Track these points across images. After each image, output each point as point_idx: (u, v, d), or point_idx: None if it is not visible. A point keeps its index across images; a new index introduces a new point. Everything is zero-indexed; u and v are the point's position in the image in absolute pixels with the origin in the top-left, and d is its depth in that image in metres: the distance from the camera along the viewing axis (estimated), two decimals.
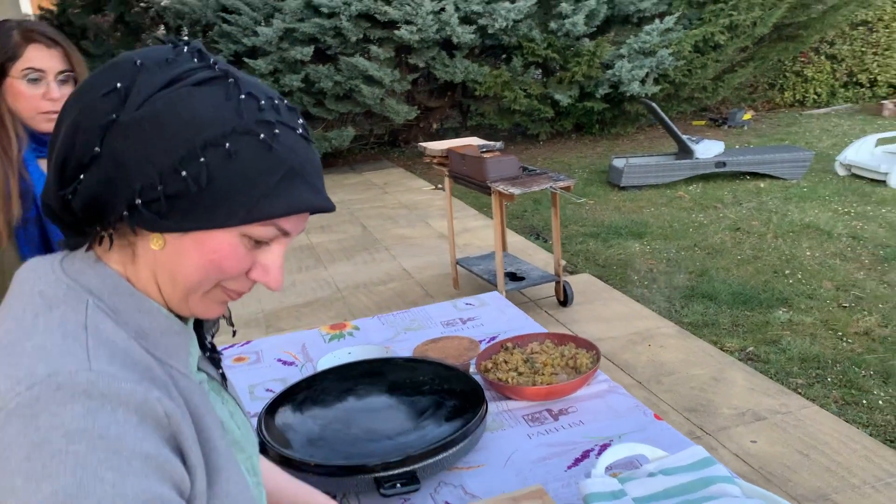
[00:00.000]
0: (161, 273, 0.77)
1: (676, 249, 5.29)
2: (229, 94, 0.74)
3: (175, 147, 0.71)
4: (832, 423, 2.95)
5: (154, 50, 0.77)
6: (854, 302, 4.19)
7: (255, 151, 0.73)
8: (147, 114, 0.71)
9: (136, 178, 0.71)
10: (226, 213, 0.74)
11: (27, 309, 0.73)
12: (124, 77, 0.73)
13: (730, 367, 3.46)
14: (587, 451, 1.49)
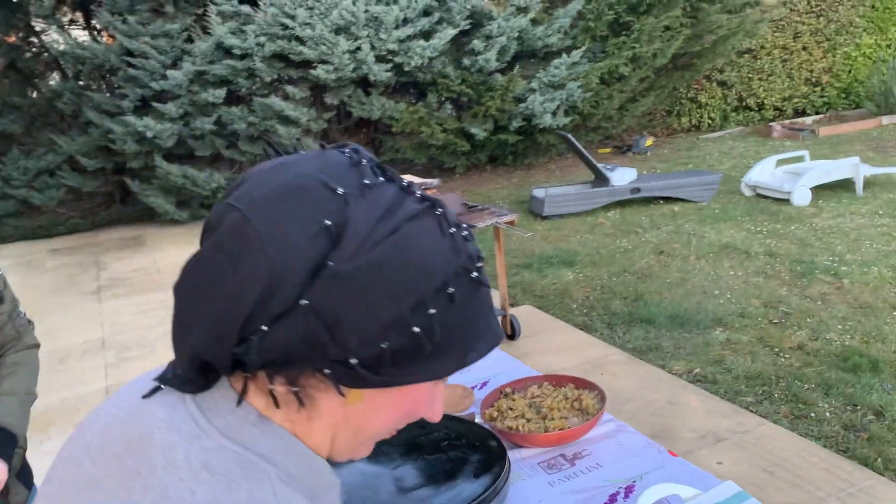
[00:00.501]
0: (345, 428, 0.69)
1: (608, 276, 5.43)
2: (441, 228, 0.65)
3: (402, 299, 0.61)
4: (788, 438, 3.07)
5: (332, 164, 0.65)
6: (783, 318, 4.41)
7: (468, 291, 0.66)
8: (371, 261, 0.60)
9: (352, 333, 0.61)
10: (444, 363, 0.66)
11: (196, 490, 0.62)
12: (327, 211, 0.61)
13: (682, 391, 3.55)
14: (613, 494, 1.49)
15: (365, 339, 0.61)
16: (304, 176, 0.63)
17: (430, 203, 0.65)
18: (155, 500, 0.61)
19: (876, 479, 2.74)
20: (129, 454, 0.65)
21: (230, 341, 0.61)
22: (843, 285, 4.83)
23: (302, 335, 0.60)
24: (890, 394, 3.36)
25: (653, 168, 9.35)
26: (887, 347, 3.85)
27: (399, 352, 0.62)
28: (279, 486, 0.63)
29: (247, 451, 0.64)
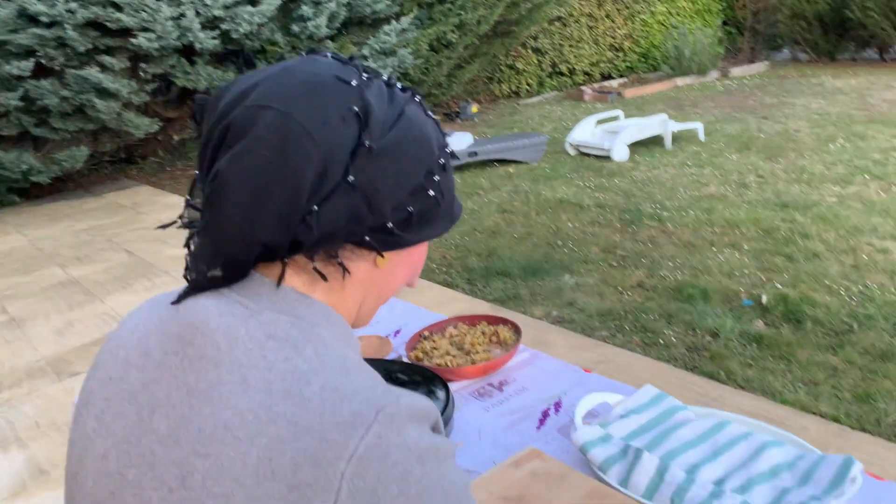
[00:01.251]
0: (372, 291, 0.81)
1: (460, 235, 5.65)
2: (424, 110, 0.80)
3: (418, 167, 0.75)
4: (644, 362, 3.43)
5: (332, 64, 0.75)
6: (621, 260, 4.84)
7: (448, 161, 0.82)
8: (394, 139, 0.72)
9: (385, 202, 0.72)
10: (442, 222, 0.81)
11: (267, 355, 0.67)
12: (351, 99, 0.71)
13: (546, 331, 3.83)
14: (545, 410, 1.65)
15: (396, 206, 0.74)
16: (319, 74, 0.72)
17: (410, 91, 0.80)
18: (229, 371, 0.65)
19: (723, 389, 3.15)
20: (187, 345, 0.69)
21: (294, 224, 0.68)
22: (668, 228, 5.38)
23: (347, 209, 0.70)
24: (721, 318, 3.84)
25: (482, 133, 9.72)
26: (713, 278, 4.37)
27: (421, 213, 0.76)
28: (334, 344, 0.71)
29: (300, 320, 0.71)
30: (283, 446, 0.61)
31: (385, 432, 0.63)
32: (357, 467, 0.60)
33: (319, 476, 0.60)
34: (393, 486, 0.61)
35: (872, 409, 2.95)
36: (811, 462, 1.32)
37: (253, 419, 0.62)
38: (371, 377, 0.69)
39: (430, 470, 0.64)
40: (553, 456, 1.48)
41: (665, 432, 1.45)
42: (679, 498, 1.27)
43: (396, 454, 0.62)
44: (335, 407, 0.63)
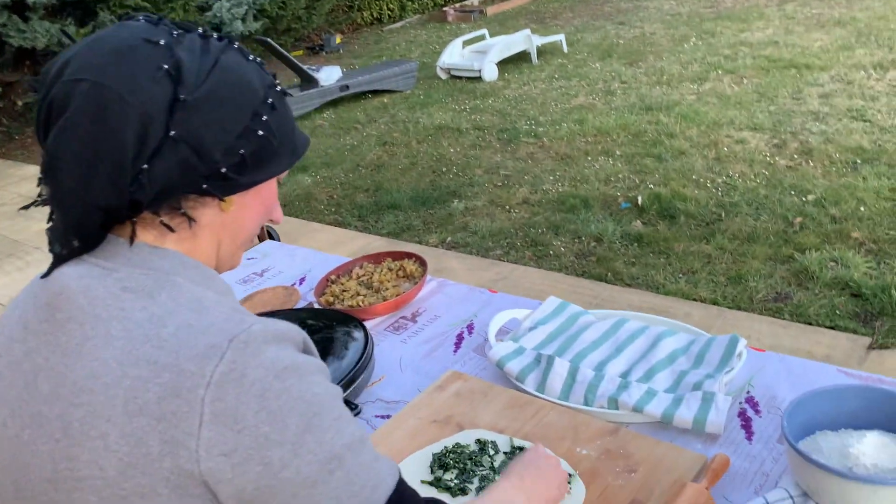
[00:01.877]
0: (226, 235, 0.84)
1: (344, 173, 5.61)
2: (245, 55, 0.82)
3: (242, 111, 0.78)
4: (539, 274, 3.60)
5: (141, 27, 0.77)
6: (504, 180, 4.97)
7: (280, 100, 0.84)
8: (211, 87, 0.75)
9: (214, 148, 0.76)
10: (283, 159, 0.85)
11: (125, 307, 0.72)
12: (160, 58, 0.74)
13: (444, 258, 3.93)
14: (459, 334, 1.73)
15: (226, 150, 0.77)
16: (127, 39, 0.75)
17: (227, 40, 0.82)
18: (93, 326, 0.72)
19: (612, 289, 3.37)
20: (56, 311, 0.75)
21: (125, 185, 0.72)
22: (544, 143, 5.54)
23: (177, 162, 0.74)
24: (602, 223, 4.05)
25: (350, 65, 9.53)
26: (591, 187, 4.58)
27: (254, 154, 0.80)
28: (190, 286, 0.76)
29: (153, 270, 0.76)
30: (145, 384, 0.68)
31: (239, 357, 0.69)
32: (216, 391, 0.67)
33: (182, 405, 0.67)
34: (253, 403, 0.68)
35: (745, 289, 3.25)
36: (702, 344, 1.47)
37: (117, 365, 0.69)
38: (227, 311, 0.75)
39: (291, 385, 0.70)
40: (473, 375, 1.57)
41: (571, 337, 1.57)
42: (592, 394, 1.39)
43: (253, 374, 0.69)
44: (190, 342, 0.69)
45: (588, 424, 1.34)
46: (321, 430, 0.71)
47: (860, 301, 3.04)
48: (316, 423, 0.71)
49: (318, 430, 0.71)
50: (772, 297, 3.18)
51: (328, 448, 0.71)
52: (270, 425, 0.68)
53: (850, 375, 1.38)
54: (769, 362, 1.46)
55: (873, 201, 3.85)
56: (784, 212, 3.88)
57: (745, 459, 1.23)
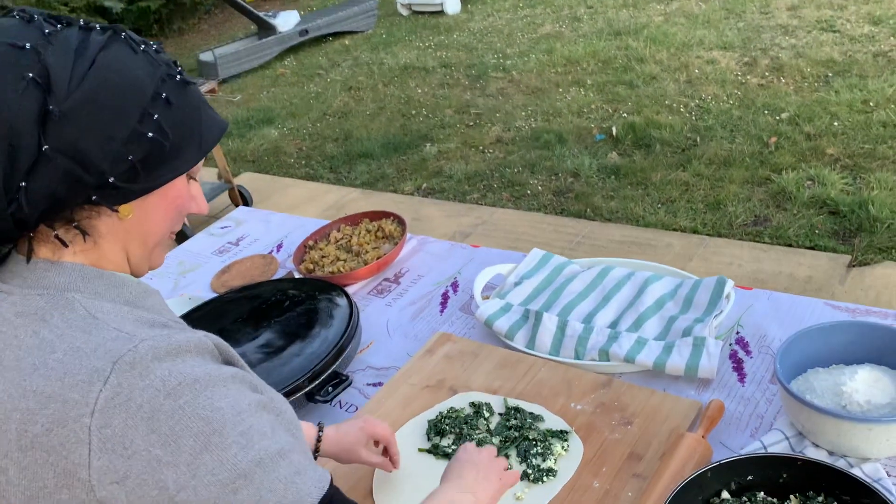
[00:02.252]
0: (132, 241, 0.78)
1: (311, 123, 5.49)
2: (133, 48, 0.74)
3: (128, 114, 0.71)
4: (517, 216, 3.57)
5: (8, 27, 0.70)
6: (476, 119, 4.89)
7: (179, 92, 0.76)
8: (86, 94, 0.69)
9: (99, 158, 0.70)
10: (186, 156, 0.77)
11: (18, 334, 0.70)
12: (25, 66, 0.67)
13: (420, 206, 3.88)
14: (444, 293, 1.71)
15: (113, 159, 0.70)
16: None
17: (112, 31, 0.74)
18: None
19: (592, 225, 3.35)
20: None
21: (3, 206, 0.68)
22: (514, 77, 5.44)
23: (59, 176, 0.68)
24: (578, 157, 4.01)
25: (307, 7, 9.23)
26: (565, 120, 4.52)
27: (146, 159, 0.73)
28: (87, 302, 0.73)
29: (48, 290, 0.73)
30: (34, 417, 0.66)
31: (124, 380, 0.66)
32: (101, 418, 0.65)
33: (69, 435, 0.65)
34: (142, 426, 0.65)
35: (724, 215, 3.25)
36: (689, 287, 1.46)
37: (7, 398, 0.68)
38: (121, 326, 0.71)
39: (185, 402, 0.67)
40: (461, 335, 1.56)
41: (557, 290, 1.55)
42: (582, 347, 1.38)
43: (141, 396, 0.66)
44: (75, 368, 0.67)
45: (581, 378, 1.34)
46: (221, 448, 0.67)
47: (838, 219, 3.05)
48: (215, 441, 0.67)
49: (217, 448, 0.67)
50: (751, 221, 3.18)
51: (230, 466, 0.67)
52: (162, 448, 0.65)
53: (837, 308, 1.38)
54: (757, 300, 1.46)
55: (846, 115, 3.84)
56: (758, 132, 3.86)
57: (739, 403, 1.24)
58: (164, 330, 0.72)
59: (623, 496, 1.10)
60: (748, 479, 1.05)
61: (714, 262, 2.93)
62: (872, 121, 3.72)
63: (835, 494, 1.00)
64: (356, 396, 1.45)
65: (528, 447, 1.20)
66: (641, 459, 1.15)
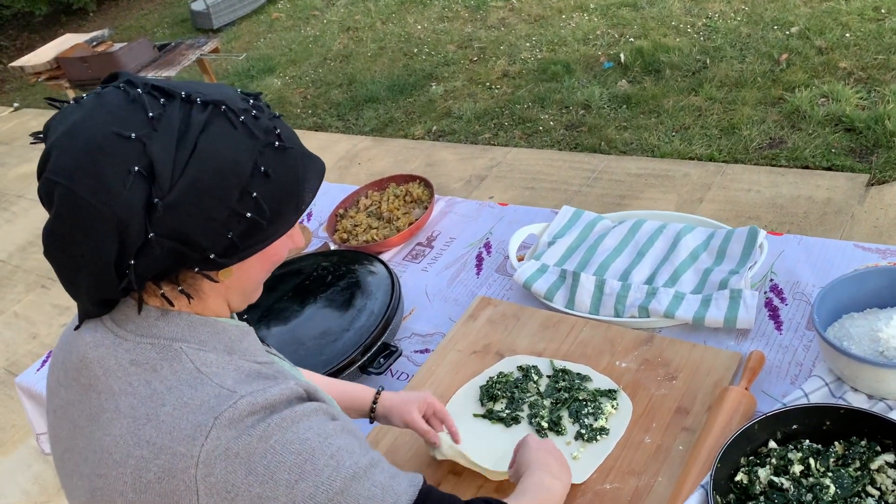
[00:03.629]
0: (232, 293, 0.84)
1: (313, 69, 5.43)
2: (232, 122, 0.75)
3: (227, 196, 0.73)
4: (531, 154, 3.58)
5: (114, 109, 0.73)
6: (480, 53, 4.83)
7: (279, 159, 0.77)
8: (188, 183, 0.71)
9: (202, 238, 0.73)
10: (284, 221, 0.80)
11: (132, 382, 0.77)
12: (131, 158, 0.70)
13: (432, 150, 3.89)
14: (478, 254, 1.75)
15: (213, 238, 0.74)
16: (98, 135, 0.71)
17: (213, 105, 0.75)
18: (107, 399, 0.78)
19: (607, 160, 3.36)
20: (80, 374, 0.81)
21: (112, 280, 0.74)
22: (514, 5, 5.33)
23: (165, 254, 0.73)
24: (588, 87, 3.98)
25: None
26: (570, 48, 4.46)
27: (244, 233, 0.76)
28: (193, 354, 0.79)
29: (158, 339, 0.79)
30: (147, 465, 0.74)
31: (223, 434, 0.73)
32: (205, 469, 0.72)
33: (178, 484, 0.73)
34: (240, 470, 0.72)
35: (739, 139, 3.24)
36: (722, 238, 1.49)
37: (124, 444, 0.75)
38: (220, 383, 0.77)
39: (276, 441, 0.74)
40: (499, 297, 1.61)
41: (591, 247, 1.59)
42: (621, 305, 1.43)
43: (237, 445, 0.73)
44: (182, 423, 0.74)
45: (623, 335, 1.39)
46: (315, 473, 0.74)
47: (854, 136, 3.05)
48: (308, 469, 0.74)
49: (311, 474, 0.74)
50: (766, 143, 3.18)
51: (325, 489, 0.74)
52: (261, 486, 0.72)
53: (867, 250, 1.42)
54: (788, 245, 1.49)
55: (858, 25, 3.77)
56: (769, 49, 3.81)
57: (777, 351, 1.29)
58: (261, 383, 0.78)
59: (674, 450, 1.17)
60: (793, 427, 1.11)
61: (732, 189, 2.95)
62: (885, 29, 3.66)
63: (877, 439, 1.07)
64: (405, 364, 1.51)
65: (579, 408, 1.26)
66: (689, 413, 1.22)
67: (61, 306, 3.72)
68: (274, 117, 0.80)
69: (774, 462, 1.08)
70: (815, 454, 1.08)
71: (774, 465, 1.08)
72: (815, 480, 1.04)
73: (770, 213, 2.77)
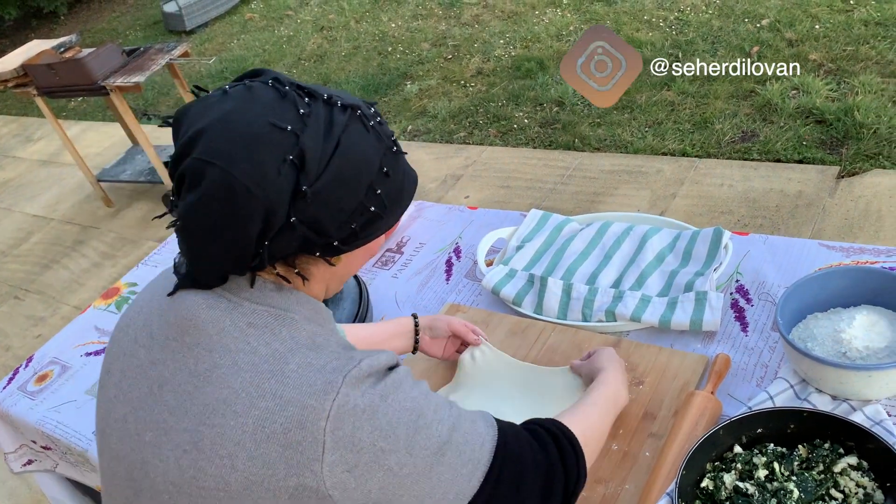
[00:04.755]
0: (334, 279, 0.93)
1: (286, 69, 5.39)
2: (365, 125, 0.82)
3: (358, 191, 0.81)
4: (506, 153, 3.57)
5: (268, 103, 0.78)
6: (454, 51, 4.81)
7: (395, 162, 0.86)
8: (332, 173, 0.78)
9: (331, 226, 0.81)
10: (393, 216, 0.88)
11: (250, 342, 0.81)
12: (286, 147, 0.76)
13: (408, 150, 3.83)
14: (447, 259, 1.74)
15: (340, 226, 0.82)
16: (255, 124, 0.77)
17: (350, 108, 0.82)
18: (222, 355, 0.81)
19: (581, 157, 3.36)
20: (185, 334, 0.84)
21: (245, 257, 0.80)
22: (488, 2, 5.32)
23: (297, 238, 0.80)
24: (561, 84, 3.97)
25: None
26: (544, 45, 4.45)
27: (364, 224, 0.84)
28: (305, 324, 0.85)
29: (274, 308, 0.84)
30: (273, 416, 0.77)
31: (351, 392, 0.79)
32: (335, 422, 0.77)
33: (306, 435, 0.76)
34: (366, 426, 0.79)
35: (711, 133, 3.25)
36: (688, 239, 1.49)
37: (246, 396, 0.78)
38: (336, 348, 0.84)
39: (393, 401, 0.81)
40: (469, 303, 1.60)
41: (559, 251, 1.58)
42: (589, 309, 1.43)
43: (363, 402, 0.79)
44: (311, 379, 0.79)
45: (590, 340, 1.39)
46: (426, 427, 0.83)
47: (825, 127, 3.06)
48: (421, 424, 0.82)
49: (423, 428, 0.82)
50: (738, 137, 3.20)
51: (435, 439, 0.83)
52: (384, 440, 0.79)
53: (832, 249, 1.42)
54: (753, 245, 1.50)
55: (827, 16, 3.79)
56: (740, 42, 3.82)
57: (743, 353, 1.29)
58: (364, 353, 0.85)
59: (641, 456, 1.17)
60: (758, 431, 1.11)
61: (705, 184, 2.96)
62: (853, 20, 3.69)
63: (840, 441, 1.07)
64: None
65: None
66: (656, 418, 1.22)
67: (35, 317, 3.67)
68: (391, 133, 0.89)
69: (739, 467, 1.08)
70: (779, 458, 1.08)
71: (740, 470, 1.08)
72: (780, 485, 1.04)
73: (742, 207, 2.78)
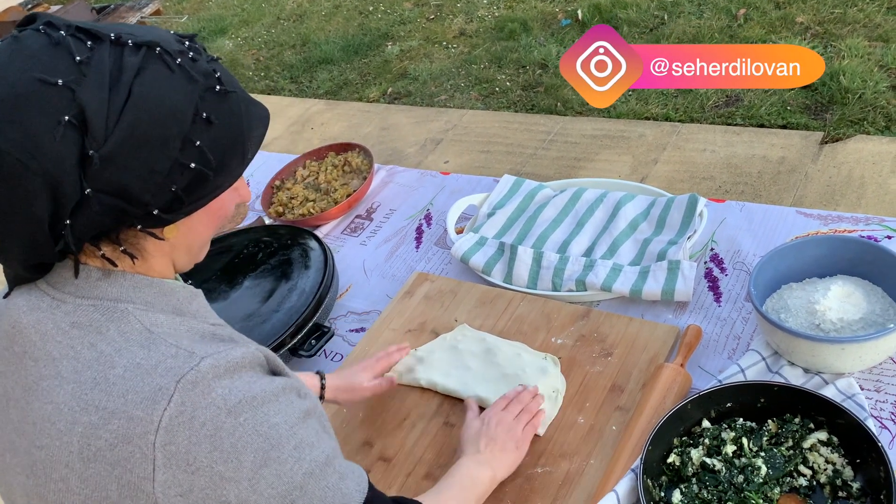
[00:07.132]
0: (178, 252, 0.79)
1: (265, 30, 5.25)
2: (169, 65, 0.68)
3: (168, 146, 0.67)
4: (487, 116, 3.50)
5: (36, 54, 0.65)
6: (436, 11, 4.70)
7: (220, 104, 0.71)
8: (125, 132, 0.65)
9: (143, 192, 0.68)
10: (229, 172, 0.74)
11: (74, 346, 0.70)
12: (59, 107, 0.63)
13: (387, 113, 3.79)
14: (418, 227, 1.69)
15: (155, 191, 0.68)
16: (19, 82, 0.64)
17: (146, 47, 0.68)
18: (46, 365, 0.71)
19: (563, 121, 3.29)
20: (13, 343, 0.74)
21: (46, 242, 0.67)
22: None
23: (104, 211, 0.67)
24: (545, 46, 3.89)
25: None
26: (528, 5, 4.35)
27: (189, 186, 0.71)
28: (141, 315, 0.73)
29: (101, 301, 0.72)
30: (97, 431, 0.67)
31: (187, 398, 0.67)
32: (166, 436, 0.66)
33: (134, 451, 0.66)
34: (205, 444, 0.66)
35: (695, 98, 3.19)
36: (662, 207, 1.45)
37: (68, 411, 0.68)
38: (175, 343, 0.71)
39: (245, 420, 0.68)
40: (438, 271, 1.55)
41: (531, 218, 1.53)
42: (559, 279, 1.39)
43: (203, 414, 0.67)
44: (137, 385, 0.67)
45: (559, 310, 1.35)
46: (279, 462, 0.70)
47: (810, 92, 3.01)
48: (273, 456, 0.69)
49: (275, 462, 0.69)
50: (722, 102, 3.14)
51: (287, 479, 0.70)
52: (225, 464, 0.67)
53: (808, 216, 1.38)
54: (730, 213, 1.45)
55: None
56: (726, 4, 3.74)
57: (716, 324, 1.25)
58: (220, 345, 0.73)
59: (607, 430, 1.14)
60: (727, 406, 1.08)
61: (687, 149, 2.91)
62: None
63: (810, 416, 1.04)
64: (340, 344, 1.46)
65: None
66: (623, 391, 1.18)
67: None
68: (212, 60, 0.74)
69: (707, 442, 1.05)
70: (748, 433, 1.05)
71: (707, 445, 1.05)
72: (748, 461, 1.01)
73: (724, 173, 2.73)
